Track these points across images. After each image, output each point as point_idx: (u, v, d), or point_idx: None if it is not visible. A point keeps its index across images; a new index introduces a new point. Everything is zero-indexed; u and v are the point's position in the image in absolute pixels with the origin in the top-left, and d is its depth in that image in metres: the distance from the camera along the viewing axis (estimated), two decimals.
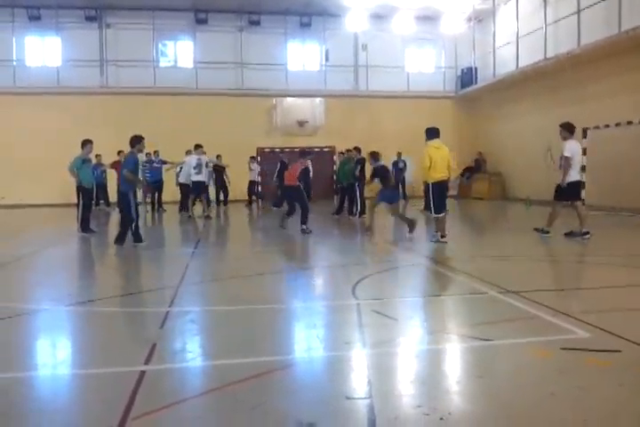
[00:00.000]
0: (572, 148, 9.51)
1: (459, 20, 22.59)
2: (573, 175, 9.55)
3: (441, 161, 9.26)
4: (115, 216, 15.42)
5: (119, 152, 15.55)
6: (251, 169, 19.86)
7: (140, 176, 11.55)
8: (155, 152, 17.21)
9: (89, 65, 21.35)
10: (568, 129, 9.59)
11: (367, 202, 11.36)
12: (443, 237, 9.36)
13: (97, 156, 15.93)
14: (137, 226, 9.49)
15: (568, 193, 9.62)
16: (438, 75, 24.07)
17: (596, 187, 13.79)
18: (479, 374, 3.42)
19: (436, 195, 9.36)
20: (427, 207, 10.48)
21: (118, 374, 3.48)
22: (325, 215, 14.93)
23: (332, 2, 21.17)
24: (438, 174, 9.27)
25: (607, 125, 10.21)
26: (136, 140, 9.59)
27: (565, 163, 9.44)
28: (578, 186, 9.77)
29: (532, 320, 4.53)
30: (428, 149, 9.41)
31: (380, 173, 10.95)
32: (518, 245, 9.35)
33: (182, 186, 15.50)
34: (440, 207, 9.39)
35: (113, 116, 20.80)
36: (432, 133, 9.50)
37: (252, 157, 20.40)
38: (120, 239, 9.36)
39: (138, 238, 9.40)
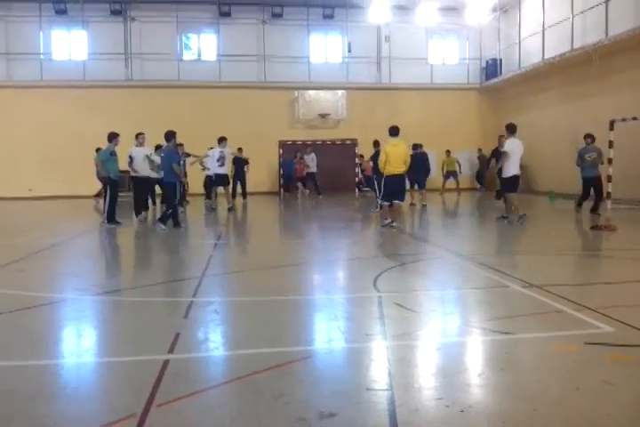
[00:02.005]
0: (512, 145, 10.74)
1: (483, 10, 22.21)
2: (512, 170, 10.73)
3: (396, 157, 10.32)
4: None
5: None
6: (303, 160, 19.84)
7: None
8: (180, 144, 17.25)
9: (114, 58, 21.55)
10: (509, 129, 10.99)
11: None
12: (392, 222, 10.36)
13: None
14: (177, 213, 10.91)
15: (507, 185, 10.94)
16: (462, 66, 23.78)
17: (624, 180, 13.53)
18: (501, 367, 3.40)
19: (387, 186, 10.62)
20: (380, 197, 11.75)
21: (143, 362, 3.54)
22: (348, 208, 14.89)
23: None
24: (393, 168, 10.37)
25: (635, 118, 10.03)
26: (171, 135, 10.72)
27: (504, 157, 10.74)
28: (516, 180, 10.86)
29: (556, 314, 4.49)
30: (386, 145, 10.63)
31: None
32: (543, 240, 9.25)
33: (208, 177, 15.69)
34: (388, 197, 10.61)
35: (137, 108, 20.99)
36: (392, 132, 10.53)
37: (308, 146, 20.44)
38: (164, 219, 10.69)
39: (177, 223, 10.78)
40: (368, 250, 8.58)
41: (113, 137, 11.38)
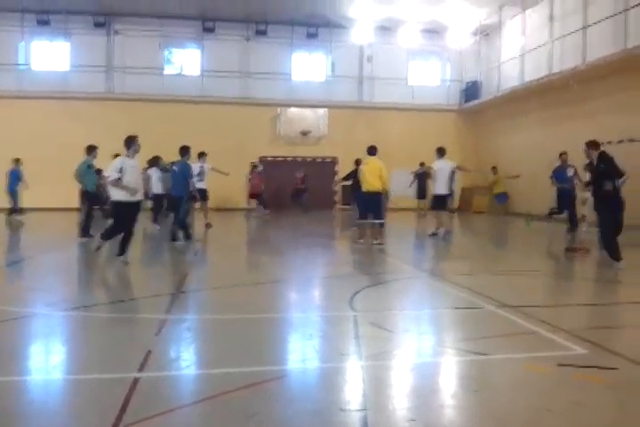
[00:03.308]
0: (439, 166, 11.95)
1: (464, 34, 22.71)
2: (439, 189, 12.00)
3: (369, 174, 10.64)
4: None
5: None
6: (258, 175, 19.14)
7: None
8: (157, 157, 17.07)
9: (96, 71, 21.48)
10: (439, 152, 12.13)
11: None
12: (360, 239, 10.79)
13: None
14: (187, 226, 10.89)
15: (437, 203, 12.10)
16: (443, 88, 24.16)
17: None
18: (475, 389, 3.40)
19: (361, 203, 11.24)
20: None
21: (112, 380, 3.47)
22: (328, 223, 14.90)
23: (338, 14, 21.32)
24: (366, 185, 10.76)
25: (610, 142, 10.31)
26: (186, 150, 11.24)
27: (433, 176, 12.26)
28: (446, 198, 12.22)
29: (530, 336, 4.51)
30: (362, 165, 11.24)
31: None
32: (518, 261, 9.33)
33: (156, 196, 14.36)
34: (362, 214, 11.04)
35: (118, 122, 20.83)
36: (369, 151, 10.94)
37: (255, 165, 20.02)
38: (174, 236, 10.66)
39: (188, 236, 10.76)
40: (344, 268, 8.57)
41: (91, 150, 11.28)
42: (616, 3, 15.04)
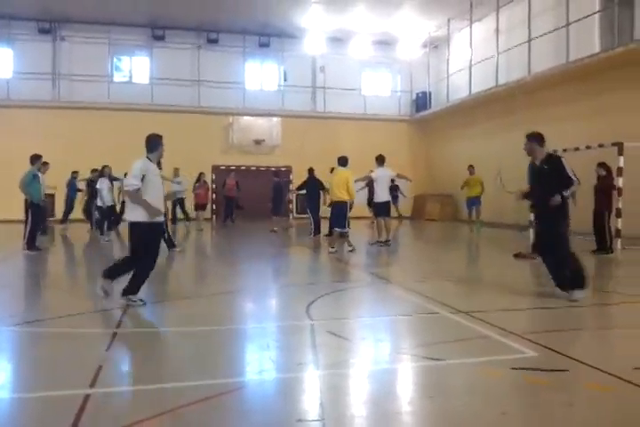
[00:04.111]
0: (379, 174, 12.14)
1: (414, 45, 23.20)
2: (380, 196, 12.23)
3: (335, 186, 10.96)
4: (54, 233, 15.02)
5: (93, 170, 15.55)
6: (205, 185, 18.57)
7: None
8: (106, 166, 16.64)
9: (41, 78, 20.86)
10: (378, 160, 12.30)
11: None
12: (332, 248, 10.90)
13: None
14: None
15: (378, 210, 12.36)
16: (394, 98, 24.56)
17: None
18: (430, 395, 3.43)
19: (331, 213, 11.54)
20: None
21: (61, 397, 3.34)
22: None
23: (290, 24, 21.45)
24: (332, 196, 11.28)
25: (555, 150, 10.66)
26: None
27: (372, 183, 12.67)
28: (386, 205, 12.30)
29: (483, 340, 4.59)
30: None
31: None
32: (469, 267, 9.51)
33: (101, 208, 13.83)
34: (330, 223, 11.51)
35: (64, 130, 20.32)
36: (339, 161, 11.23)
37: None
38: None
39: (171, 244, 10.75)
40: (301, 277, 8.55)
41: (36, 159, 10.93)
42: (558, 17, 15.67)
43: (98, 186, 13.54)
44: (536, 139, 6.49)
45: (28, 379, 3.78)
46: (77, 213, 16.46)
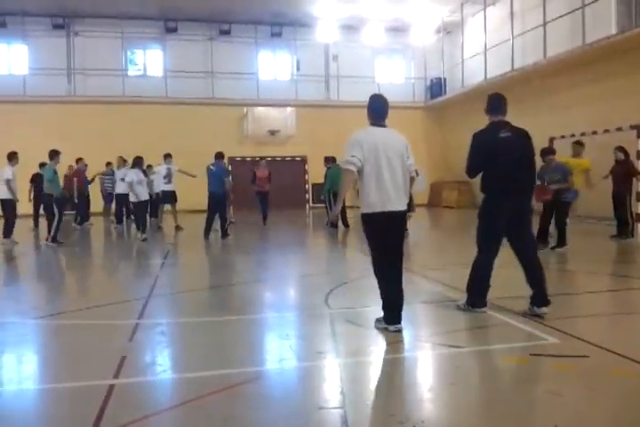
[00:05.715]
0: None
1: (428, 31, 22.91)
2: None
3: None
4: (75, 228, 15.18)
5: (78, 160, 15.51)
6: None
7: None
8: (108, 163, 16.73)
9: (56, 73, 21.00)
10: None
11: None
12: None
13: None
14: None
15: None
16: (408, 85, 24.33)
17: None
18: (451, 382, 3.44)
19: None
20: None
21: (87, 387, 3.40)
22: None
23: (302, 12, 21.29)
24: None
25: (573, 135, 10.48)
26: (221, 155, 12.65)
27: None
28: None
29: (503, 327, 4.58)
30: None
31: None
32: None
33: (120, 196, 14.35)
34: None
35: (81, 125, 20.47)
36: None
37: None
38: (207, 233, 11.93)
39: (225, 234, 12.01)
40: (319, 267, 8.57)
41: (54, 155, 11.04)
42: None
43: (127, 179, 12.39)
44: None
45: (54, 370, 3.86)
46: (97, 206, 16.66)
